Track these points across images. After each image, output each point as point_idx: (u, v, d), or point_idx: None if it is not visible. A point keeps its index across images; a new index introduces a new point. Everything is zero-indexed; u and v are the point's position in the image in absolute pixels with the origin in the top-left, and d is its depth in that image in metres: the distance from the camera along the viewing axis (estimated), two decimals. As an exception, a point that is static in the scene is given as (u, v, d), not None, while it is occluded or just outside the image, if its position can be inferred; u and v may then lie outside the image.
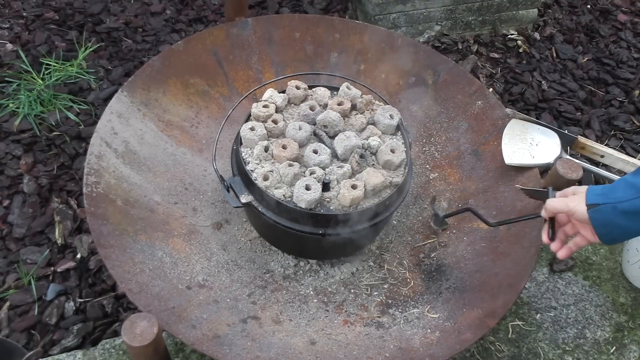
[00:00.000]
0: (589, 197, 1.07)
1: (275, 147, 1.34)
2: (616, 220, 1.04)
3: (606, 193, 1.05)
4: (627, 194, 1.01)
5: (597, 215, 1.06)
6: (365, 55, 1.83)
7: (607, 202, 1.04)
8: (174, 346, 1.48)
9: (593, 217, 1.06)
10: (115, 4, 2.55)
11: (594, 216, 1.06)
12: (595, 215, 1.06)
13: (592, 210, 1.06)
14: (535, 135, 1.54)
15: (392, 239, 1.59)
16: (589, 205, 1.06)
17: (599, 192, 1.06)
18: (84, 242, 1.79)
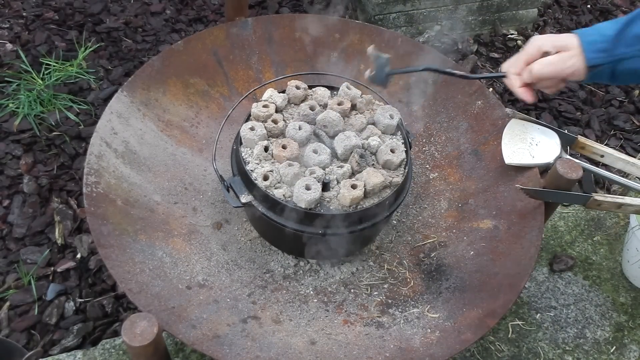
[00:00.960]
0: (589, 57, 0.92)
1: (275, 147, 1.34)
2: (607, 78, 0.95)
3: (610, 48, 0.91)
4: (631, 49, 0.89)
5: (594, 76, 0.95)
6: (365, 55, 1.83)
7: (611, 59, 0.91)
8: (174, 346, 1.48)
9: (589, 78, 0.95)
10: (115, 4, 2.55)
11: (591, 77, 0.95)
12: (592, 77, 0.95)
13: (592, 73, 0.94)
14: (535, 135, 1.54)
15: (392, 239, 1.59)
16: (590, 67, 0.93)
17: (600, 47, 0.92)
18: (84, 242, 1.79)
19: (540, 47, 0.99)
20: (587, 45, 0.93)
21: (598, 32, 0.93)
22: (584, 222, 1.90)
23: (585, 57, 0.93)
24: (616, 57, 0.91)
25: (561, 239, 1.85)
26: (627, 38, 0.90)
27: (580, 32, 0.96)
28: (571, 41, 0.95)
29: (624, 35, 0.90)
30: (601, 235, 1.87)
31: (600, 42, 0.92)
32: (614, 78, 0.94)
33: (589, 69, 0.94)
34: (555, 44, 0.98)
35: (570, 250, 1.82)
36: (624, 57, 0.91)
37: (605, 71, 0.94)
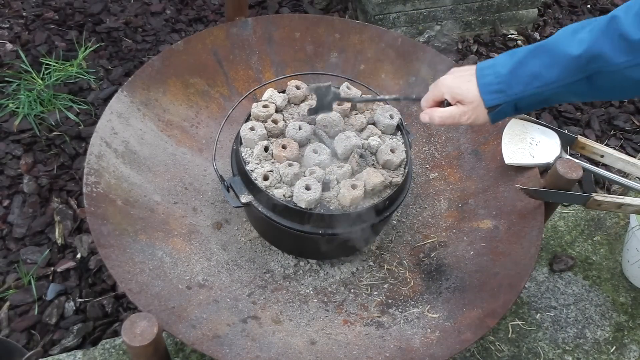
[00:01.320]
0: (487, 99, 0.95)
1: (275, 147, 1.34)
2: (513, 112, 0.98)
3: (504, 89, 0.93)
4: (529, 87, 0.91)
5: (498, 115, 0.98)
6: (365, 55, 1.83)
7: (508, 100, 0.94)
8: (174, 346, 1.48)
9: (493, 118, 0.99)
10: (115, 4, 2.55)
11: (495, 117, 0.98)
12: (496, 116, 0.98)
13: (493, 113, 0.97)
14: (535, 135, 1.54)
15: (392, 238, 1.59)
16: (490, 108, 0.97)
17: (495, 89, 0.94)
18: (84, 242, 1.79)
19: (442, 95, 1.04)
20: (482, 87, 0.96)
21: (494, 70, 0.95)
22: (584, 222, 1.90)
23: (483, 99, 0.96)
24: (513, 96, 0.94)
25: (561, 239, 1.85)
26: (521, 77, 0.92)
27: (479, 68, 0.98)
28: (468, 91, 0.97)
29: (518, 74, 0.92)
30: (601, 235, 1.87)
31: (495, 83, 0.94)
32: (519, 110, 0.97)
33: (490, 109, 0.97)
34: (454, 95, 1.01)
35: (570, 250, 1.82)
36: (521, 95, 0.93)
37: (507, 108, 0.96)
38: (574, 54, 0.87)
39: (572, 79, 0.89)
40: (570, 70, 0.89)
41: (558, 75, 0.90)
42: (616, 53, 0.84)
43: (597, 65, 0.86)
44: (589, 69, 0.87)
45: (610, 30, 0.85)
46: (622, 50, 0.83)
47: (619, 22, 0.83)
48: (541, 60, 0.91)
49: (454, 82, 1.03)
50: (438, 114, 1.07)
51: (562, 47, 0.89)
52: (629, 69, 0.84)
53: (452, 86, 1.03)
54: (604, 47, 0.85)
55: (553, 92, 0.92)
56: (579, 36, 0.87)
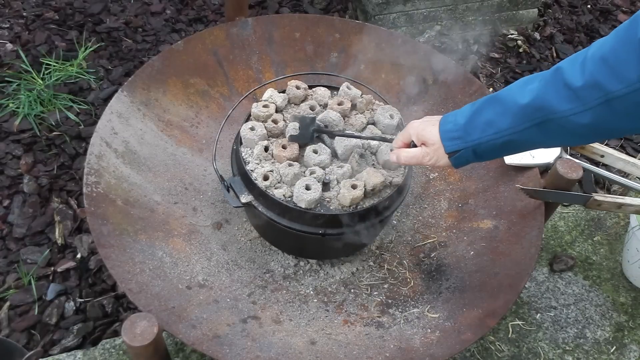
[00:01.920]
0: (447, 145, 1.04)
1: (275, 147, 1.34)
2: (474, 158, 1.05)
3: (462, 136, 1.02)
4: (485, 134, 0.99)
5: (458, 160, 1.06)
6: (365, 55, 1.83)
7: (466, 146, 1.02)
8: (174, 346, 1.48)
9: (455, 163, 1.07)
10: (115, 4, 2.55)
11: (456, 162, 1.06)
12: (457, 161, 1.06)
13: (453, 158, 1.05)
14: (535, 135, 1.54)
15: (392, 239, 1.59)
16: (450, 154, 1.05)
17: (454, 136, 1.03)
18: (84, 242, 1.79)
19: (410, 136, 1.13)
20: (443, 133, 1.05)
21: (454, 118, 1.04)
22: (584, 222, 1.90)
23: (443, 145, 1.05)
24: (471, 143, 1.01)
25: (561, 239, 1.85)
26: (477, 125, 1.00)
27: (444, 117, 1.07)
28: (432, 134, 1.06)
29: (474, 123, 1.00)
30: (601, 235, 1.87)
31: (454, 130, 1.03)
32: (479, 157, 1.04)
33: (450, 154, 1.05)
34: (419, 137, 1.10)
35: (570, 250, 1.82)
36: (479, 141, 1.00)
37: (467, 154, 1.03)
38: (523, 103, 0.93)
39: (523, 126, 0.95)
40: (521, 118, 0.94)
41: (510, 123, 0.96)
42: (561, 101, 0.89)
43: (544, 113, 0.91)
44: (537, 116, 0.92)
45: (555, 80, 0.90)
46: (566, 98, 0.88)
47: (563, 72, 0.89)
48: (494, 109, 0.98)
49: (420, 126, 1.11)
50: (404, 153, 1.16)
51: (513, 96, 0.95)
52: (575, 115, 0.88)
53: (418, 128, 1.11)
54: (549, 96, 0.90)
55: (508, 139, 0.98)
56: (529, 87, 0.94)
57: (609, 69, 0.83)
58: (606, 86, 0.83)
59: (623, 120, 0.86)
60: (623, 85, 0.81)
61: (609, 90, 0.83)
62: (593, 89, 0.85)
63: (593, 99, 0.85)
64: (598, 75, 0.84)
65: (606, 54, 0.83)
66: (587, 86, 0.85)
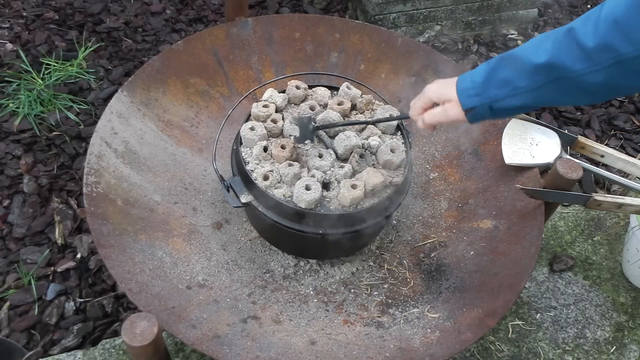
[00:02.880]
0: (463, 102, 1.08)
1: (274, 147, 1.34)
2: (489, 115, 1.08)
3: (480, 93, 1.06)
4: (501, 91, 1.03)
5: (474, 116, 1.09)
6: (365, 55, 1.83)
7: (483, 103, 1.06)
8: (174, 346, 1.48)
9: (470, 119, 1.10)
10: (115, 4, 2.55)
11: (471, 118, 1.10)
12: (472, 117, 1.10)
13: (470, 114, 1.09)
14: (535, 135, 1.54)
15: (392, 239, 1.59)
16: (467, 110, 1.08)
17: (472, 93, 1.07)
18: (84, 242, 1.79)
19: (430, 98, 1.16)
20: (460, 92, 1.08)
21: (471, 78, 1.08)
22: (584, 222, 1.90)
23: (460, 102, 1.08)
24: (487, 99, 1.05)
25: (561, 239, 1.85)
26: (494, 82, 1.04)
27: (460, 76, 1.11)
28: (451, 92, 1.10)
29: (491, 81, 1.04)
30: (601, 235, 1.87)
31: (471, 88, 1.07)
32: (495, 113, 1.08)
33: (467, 111, 1.08)
34: (440, 97, 1.14)
35: (570, 250, 1.82)
36: (496, 98, 1.04)
37: (483, 110, 1.07)
38: (538, 62, 0.96)
39: (538, 84, 0.98)
40: (536, 76, 0.98)
41: (526, 81, 0.99)
42: (574, 61, 0.92)
43: (559, 72, 0.95)
44: (552, 75, 0.96)
45: (568, 40, 0.93)
46: (579, 58, 0.91)
47: (576, 33, 0.92)
48: (510, 68, 1.01)
49: (439, 86, 1.14)
50: (427, 115, 1.18)
51: (528, 56, 0.99)
52: (588, 74, 0.91)
53: (437, 89, 1.14)
54: (563, 56, 0.93)
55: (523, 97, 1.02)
56: (544, 46, 0.97)
57: (621, 32, 0.85)
58: (618, 48, 0.86)
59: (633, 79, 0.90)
60: (634, 47, 0.85)
61: (621, 52, 0.86)
62: (605, 50, 0.88)
63: (605, 60, 0.88)
64: (610, 37, 0.87)
65: (619, 16, 0.86)
66: (600, 47, 0.88)
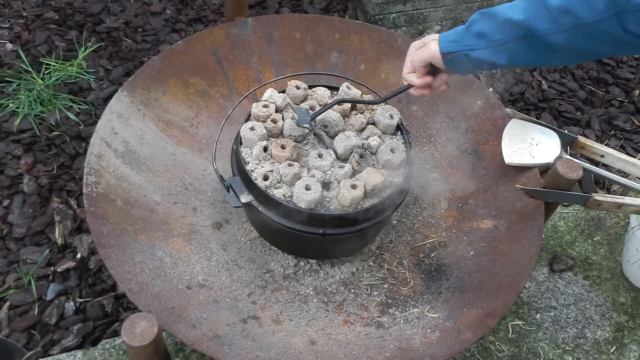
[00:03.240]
0: (443, 45, 1.16)
1: (274, 147, 1.34)
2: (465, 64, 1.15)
3: (458, 40, 1.14)
4: (477, 43, 1.11)
5: (451, 62, 1.16)
6: (365, 55, 1.83)
7: (460, 50, 1.14)
8: (174, 346, 1.48)
9: (447, 63, 1.17)
10: (115, 4, 2.55)
11: (448, 62, 1.17)
12: (449, 62, 1.17)
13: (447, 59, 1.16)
14: (535, 135, 1.54)
15: (392, 239, 1.59)
16: (444, 54, 1.16)
17: (451, 39, 1.15)
18: (84, 242, 1.79)
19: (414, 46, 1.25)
20: (442, 37, 1.17)
21: (454, 30, 1.17)
22: (584, 222, 1.90)
23: (440, 46, 1.16)
24: (465, 47, 1.13)
25: (561, 239, 1.85)
26: (472, 33, 1.12)
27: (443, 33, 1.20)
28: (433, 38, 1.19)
29: (470, 31, 1.13)
30: (601, 235, 1.87)
31: (452, 35, 1.16)
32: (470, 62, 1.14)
33: (445, 55, 1.16)
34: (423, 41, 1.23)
35: (570, 250, 1.82)
36: (472, 47, 1.11)
37: (460, 57, 1.14)
38: (512, 19, 1.04)
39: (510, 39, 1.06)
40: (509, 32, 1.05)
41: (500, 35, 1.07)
42: (541, 21, 0.99)
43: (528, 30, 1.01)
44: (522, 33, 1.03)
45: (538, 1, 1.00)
46: (545, 19, 0.98)
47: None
48: (488, 22, 1.10)
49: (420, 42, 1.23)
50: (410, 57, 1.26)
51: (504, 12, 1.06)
52: (552, 35, 0.98)
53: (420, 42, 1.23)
54: (532, 15, 1.00)
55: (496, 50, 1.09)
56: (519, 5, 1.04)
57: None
58: (577, 13, 0.94)
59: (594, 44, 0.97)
60: (592, 14, 0.92)
61: (580, 17, 0.94)
62: (566, 14, 0.95)
63: (566, 23, 0.96)
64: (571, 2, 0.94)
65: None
66: (562, 10, 0.95)
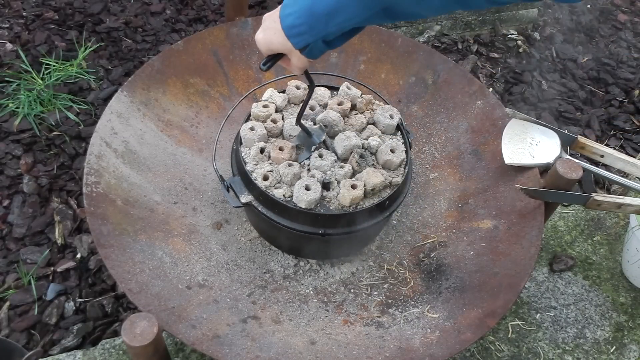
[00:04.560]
0: (296, 42, 0.98)
1: (272, 149, 1.34)
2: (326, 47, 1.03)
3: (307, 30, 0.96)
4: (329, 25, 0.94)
5: (312, 53, 1.03)
6: (365, 55, 1.83)
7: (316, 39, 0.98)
8: (174, 346, 1.48)
9: (310, 56, 1.04)
10: (115, 4, 2.55)
11: (310, 55, 1.04)
12: (310, 54, 1.04)
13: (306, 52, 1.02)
14: (535, 135, 1.54)
15: (392, 238, 1.59)
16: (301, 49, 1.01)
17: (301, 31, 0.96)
18: (84, 242, 1.79)
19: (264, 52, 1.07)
20: (287, 30, 0.98)
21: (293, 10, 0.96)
22: (584, 222, 1.90)
23: (291, 42, 0.99)
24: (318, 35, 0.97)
25: (561, 239, 1.85)
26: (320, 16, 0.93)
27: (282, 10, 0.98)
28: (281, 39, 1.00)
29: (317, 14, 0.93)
30: (601, 235, 1.87)
31: (298, 25, 0.96)
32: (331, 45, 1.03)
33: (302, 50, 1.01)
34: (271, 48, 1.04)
35: (570, 250, 1.82)
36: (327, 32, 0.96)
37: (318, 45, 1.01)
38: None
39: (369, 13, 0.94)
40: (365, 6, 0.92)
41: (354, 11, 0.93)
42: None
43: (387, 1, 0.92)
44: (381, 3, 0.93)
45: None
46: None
47: None
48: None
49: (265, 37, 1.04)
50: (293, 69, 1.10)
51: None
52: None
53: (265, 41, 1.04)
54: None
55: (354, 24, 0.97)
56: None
57: None
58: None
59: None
60: None
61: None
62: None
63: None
64: None
65: None
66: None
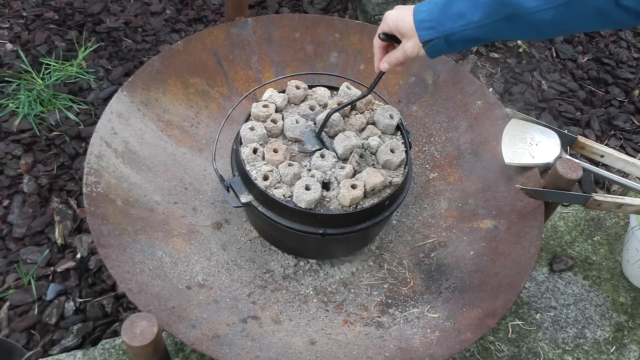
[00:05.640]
0: (421, 35, 1.09)
1: (267, 151, 1.33)
2: (447, 48, 1.10)
3: (435, 26, 1.07)
4: (456, 24, 1.05)
5: (431, 49, 1.11)
6: (365, 55, 1.83)
7: (439, 35, 1.08)
8: (174, 346, 1.48)
9: (429, 52, 1.12)
10: (115, 4, 2.55)
11: (430, 51, 1.12)
12: (430, 50, 1.12)
13: (427, 47, 1.11)
14: (535, 135, 1.54)
15: (392, 238, 1.59)
16: (424, 43, 1.10)
17: (429, 25, 1.08)
18: (84, 242, 1.79)
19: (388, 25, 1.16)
20: (418, 24, 1.10)
21: (427, 8, 1.09)
22: (584, 222, 1.90)
23: (418, 35, 1.10)
24: (443, 32, 1.07)
25: (561, 239, 1.85)
26: (450, 15, 1.05)
27: (417, 6, 1.11)
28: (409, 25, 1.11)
29: (446, 14, 1.06)
30: (601, 235, 1.87)
31: (428, 20, 1.08)
32: (451, 46, 1.10)
33: (424, 43, 1.10)
34: (396, 29, 1.15)
35: (570, 250, 1.82)
36: (451, 31, 1.06)
37: (439, 43, 1.09)
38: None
39: (492, 19, 1.02)
40: (490, 11, 1.01)
41: (480, 16, 1.02)
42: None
43: (513, 8, 0.98)
44: (506, 11, 1.00)
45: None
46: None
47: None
48: (466, 2, 1.04)
49: (396, 16, 1.14)
50: (391, 58, 1.20)
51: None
52: (539, 12, 0.96)
53: (395, 19, 1.15)
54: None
55: (478, 31, 1.05)
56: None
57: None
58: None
59: (580, 20, 0.97)
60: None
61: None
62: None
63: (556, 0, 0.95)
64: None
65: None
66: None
